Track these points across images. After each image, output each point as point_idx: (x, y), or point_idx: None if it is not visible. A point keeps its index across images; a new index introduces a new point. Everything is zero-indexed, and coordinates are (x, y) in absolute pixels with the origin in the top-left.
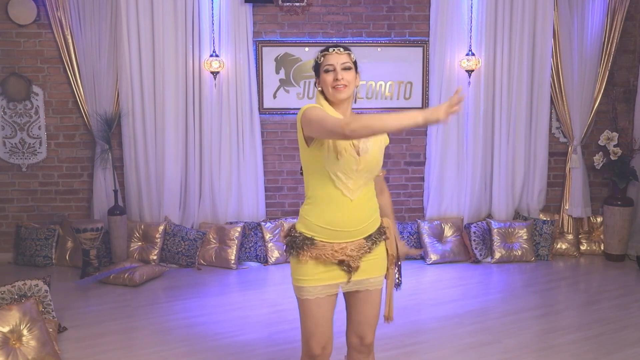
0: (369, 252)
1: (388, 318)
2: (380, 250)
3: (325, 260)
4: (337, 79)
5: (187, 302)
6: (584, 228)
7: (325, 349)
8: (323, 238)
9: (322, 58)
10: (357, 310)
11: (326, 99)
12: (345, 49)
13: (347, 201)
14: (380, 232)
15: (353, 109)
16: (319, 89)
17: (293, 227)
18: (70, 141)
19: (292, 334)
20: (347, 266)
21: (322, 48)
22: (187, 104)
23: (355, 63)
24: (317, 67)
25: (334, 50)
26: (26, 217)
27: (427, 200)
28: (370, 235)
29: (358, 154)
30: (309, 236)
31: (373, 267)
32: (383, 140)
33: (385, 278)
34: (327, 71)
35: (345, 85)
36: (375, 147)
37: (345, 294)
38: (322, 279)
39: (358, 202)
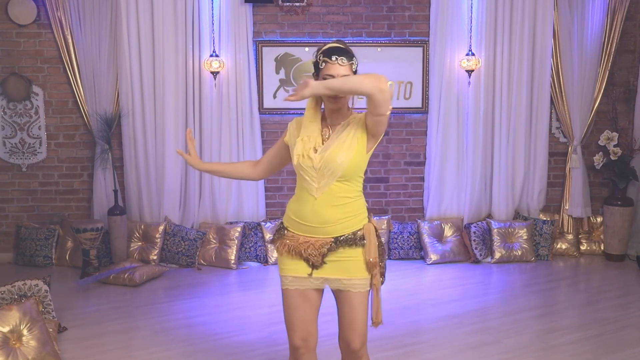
0: (333, 252)
1: (375, 322)
2: (354, 253)
3: (291, 249)
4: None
5: (187, 302)
6: (584, 228)
7: (307, 342)
8: (293, 229)
9: (324, 64)
10: (341, 312)
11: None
12: (349, 57)
13: (311, 198)
14: (356, 237)
15: (354, 109)
16: None
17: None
18: (70, 141)
19: None
20: (307, 260)
21: (326, 48)
22: (187, 104)
23: (355, 70)
24: (317, 66)
25: (336, 59)
26: (26, 217)
27: (427, 200)
28: (339, 237)
29: (315, 151)
30: (285, 226)
31: (347, 268)
32: (354, 134)
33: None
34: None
35: (342, 97)
36: (339, 144)
37: (334, 294)
38: (294, 269)
39: (322, 201)
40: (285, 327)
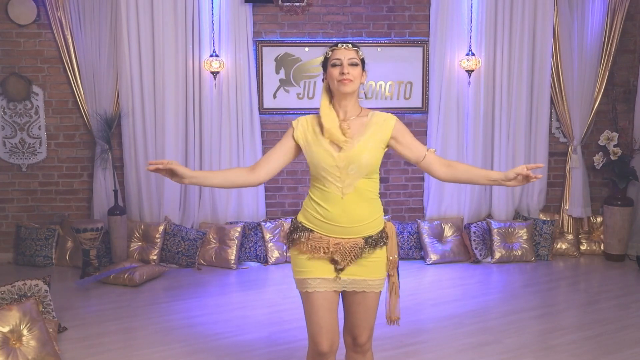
0: (364, 253)
1: (390, 319)
2: (380, 254)
3: (320, 252)
4: (342, 73)
5: (187, 302)
6: (584, 228)
7: (333, 347)
8: (321, 231)
9: (331, 52)
10: (351, 312)
11: (330, 94)
12: (354, 45)
13: (338, 198)
14: (382, 236)
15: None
16: (325, 82)
17: (295, 218)
18: (70, 141)
19: (292, 334)
20: (335, 262)
21: (332, 44)
22: (187, 104)
23: (362, 60)
24: (325, 62)
25: (342, 45)
26: (26, 217)
27: (427, 200)
28: (370, 237)
29: (339, 150)
30: (308, 227)
31: (372, 268)
32: (379, 137)
33: (387, 281)
34: (334, 65)
35: (351, 80)
36: (363, 143)
37: (342, 294)
38: (320, 271)
39: (350, 200)
40: (310, 332)
